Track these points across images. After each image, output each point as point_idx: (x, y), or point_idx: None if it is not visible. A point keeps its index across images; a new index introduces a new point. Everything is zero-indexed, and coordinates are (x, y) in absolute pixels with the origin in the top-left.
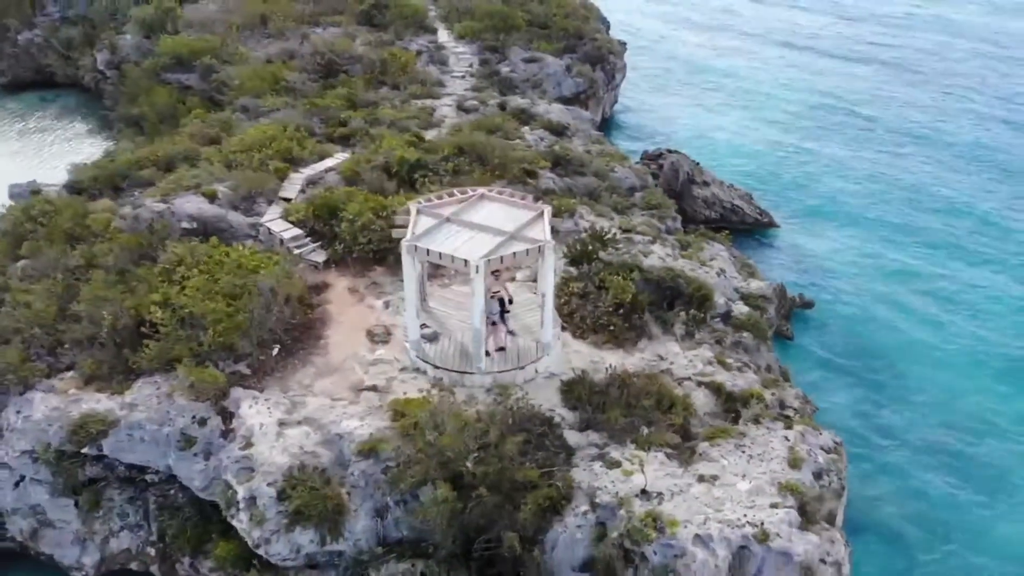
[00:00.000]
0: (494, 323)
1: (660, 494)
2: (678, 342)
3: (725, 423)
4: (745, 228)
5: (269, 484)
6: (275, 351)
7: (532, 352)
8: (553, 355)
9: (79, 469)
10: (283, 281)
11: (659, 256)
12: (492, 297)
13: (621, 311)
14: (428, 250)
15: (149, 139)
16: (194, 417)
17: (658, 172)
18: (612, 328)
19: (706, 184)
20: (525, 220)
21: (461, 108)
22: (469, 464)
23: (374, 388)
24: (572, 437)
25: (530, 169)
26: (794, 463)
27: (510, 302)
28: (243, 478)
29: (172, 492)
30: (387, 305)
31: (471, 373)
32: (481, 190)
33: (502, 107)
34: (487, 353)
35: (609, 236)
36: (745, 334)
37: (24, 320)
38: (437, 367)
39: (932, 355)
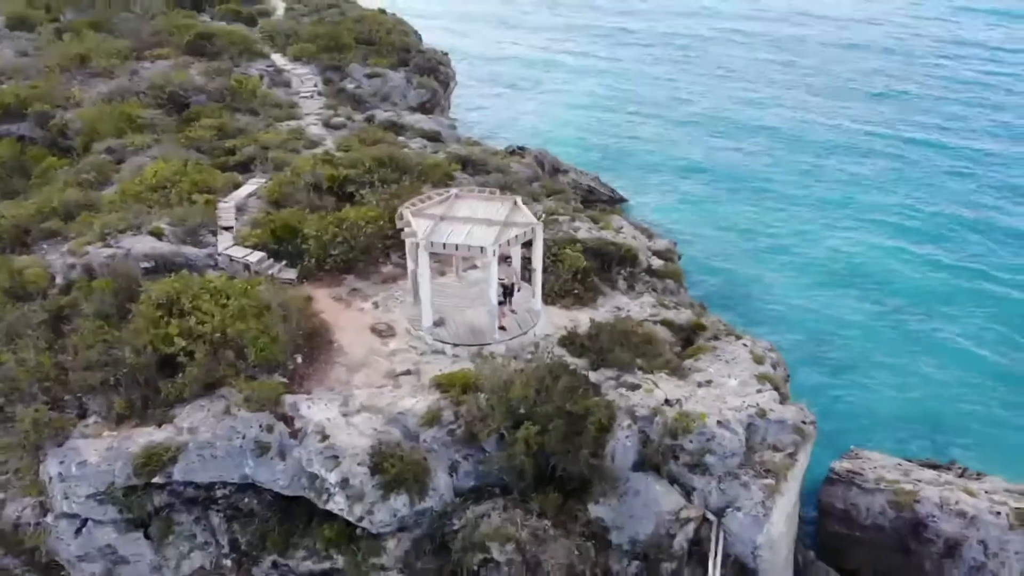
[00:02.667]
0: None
1: (679, 400)
2: (625, 295)
3: (688, 347)
4: (603, 204)
5: (359, 464)
6: (299, 359)
7: (529, 320)
8: (542, 320)
9: (147, 501)
10: (289, 297)
11: (585, 230)
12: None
13: (578, 277)
14: (444, 244)
15: (3, 195)
16: (260, 426)
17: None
18: (576, 292)
19: (566, 172)
20: (507, 209)
21: (328, 125)
22: (529, 408)
23: (408, 372)
24: (592, 376)
25: (448, 172)
26: (758, 361)
27: (518, 290)
28: (331, 465)
29: (245, 501)
30: (376, 305)
31: (488, 344)
32: (454, 191)
33: (369, 121)
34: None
35: (542, 220)
36: (668, 281)
37: (24, 377)
38: (456, 345)
39: (779, 280)
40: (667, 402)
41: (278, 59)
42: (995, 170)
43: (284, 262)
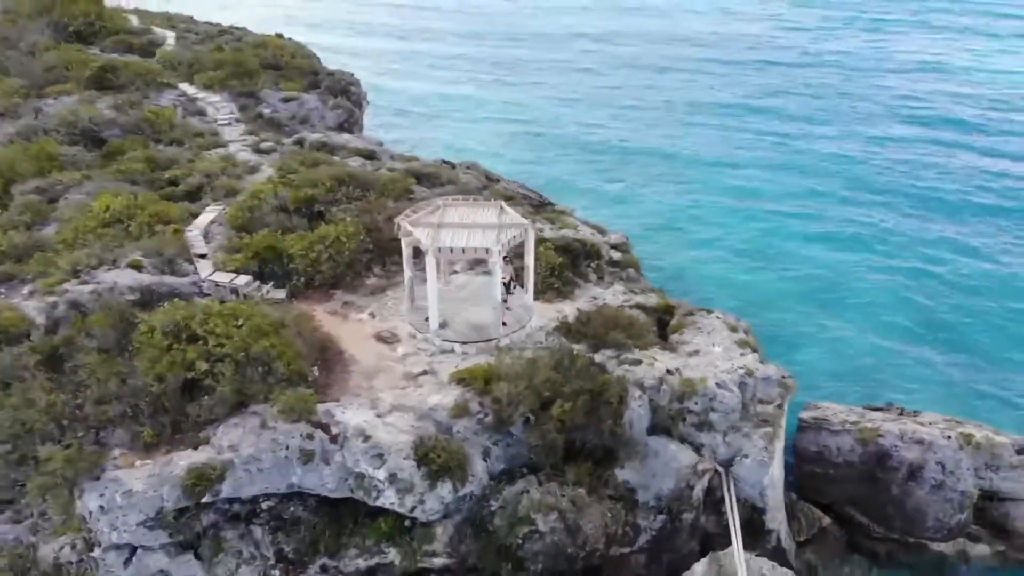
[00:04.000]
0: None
1: (678, 369)
2: (596, 285)
3: (662, 327)
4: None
5: (405, 458)
6: (315, 371)
7: (525, 315)
8: (535, 313)
9: (195, 522)
10: (297, 314)
11: (549, 230)
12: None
13: (555, 273)
14: (452, 248)
15: None
16: (301, 435)
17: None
18: (556, 286)
19: (497, 180)
20: (495, 213)
21: (258, 150)
22: (553, 389)
23: (425, 372)
24: (595, 357)
25: (406, 186)
26: (733, 329)
27: (514, 287)
28: (377, 463)
29: (291, 509)
30: (372, 315)
31: (494, 339)
32: (439, 201)
33: (299, 143)
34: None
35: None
36: (629, 270)
37: (40, 418)
38: (465, 343)
39: (705, 266)
40: (668, 372)
41: (188, 88)
42: (878, 161)
43: (271, 283)
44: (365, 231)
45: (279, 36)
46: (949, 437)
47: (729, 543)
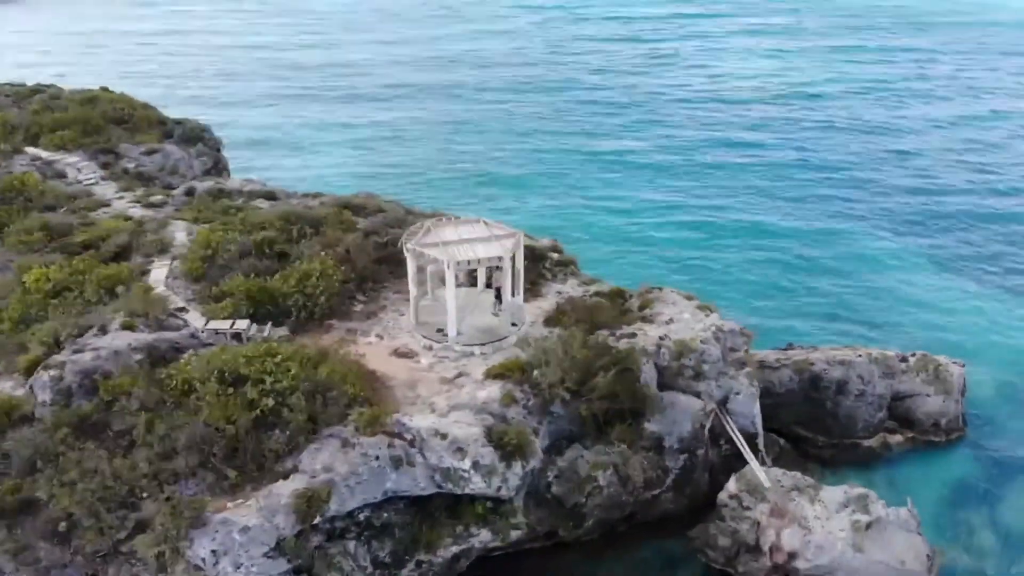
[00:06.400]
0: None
1: (666, 335)
2: (554, 283)
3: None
4: None
5: (483, 446)
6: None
7: (520, 314)
8: (526, 311)
9: (307, 544)
10: (327, 345)
11: None
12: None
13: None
14: (468, 261)
15: None
16: (385, 444)
17: None
18: (527, 287)
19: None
20: (484, 227)
21: (149, 205)
22: (587, 367)
23: (459, 375)
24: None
25: (348, 220)
26: (689, 299)
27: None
28: (459, 456)
29: (384, 515)
30: (380, 337)
31: (505, 338)
32: (427, 222)
33: (190, 193)
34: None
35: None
36: (571, 267)
37: (111, 484)
38: (483, 344)
39: (588, 253)
40: (660, 338)
41: (39, 152)
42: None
43: (269, 323)
44: (340, 263)
45: (105, 90)
46: (860, 356)
47: (730, 469)
